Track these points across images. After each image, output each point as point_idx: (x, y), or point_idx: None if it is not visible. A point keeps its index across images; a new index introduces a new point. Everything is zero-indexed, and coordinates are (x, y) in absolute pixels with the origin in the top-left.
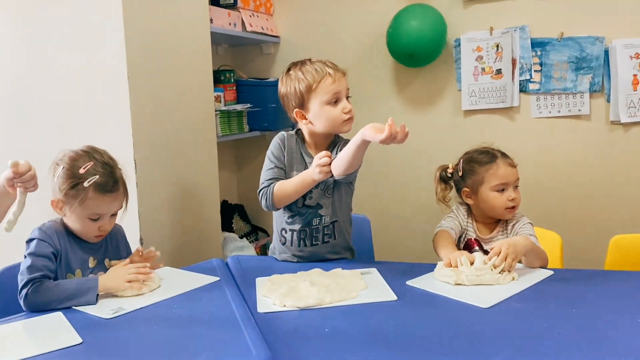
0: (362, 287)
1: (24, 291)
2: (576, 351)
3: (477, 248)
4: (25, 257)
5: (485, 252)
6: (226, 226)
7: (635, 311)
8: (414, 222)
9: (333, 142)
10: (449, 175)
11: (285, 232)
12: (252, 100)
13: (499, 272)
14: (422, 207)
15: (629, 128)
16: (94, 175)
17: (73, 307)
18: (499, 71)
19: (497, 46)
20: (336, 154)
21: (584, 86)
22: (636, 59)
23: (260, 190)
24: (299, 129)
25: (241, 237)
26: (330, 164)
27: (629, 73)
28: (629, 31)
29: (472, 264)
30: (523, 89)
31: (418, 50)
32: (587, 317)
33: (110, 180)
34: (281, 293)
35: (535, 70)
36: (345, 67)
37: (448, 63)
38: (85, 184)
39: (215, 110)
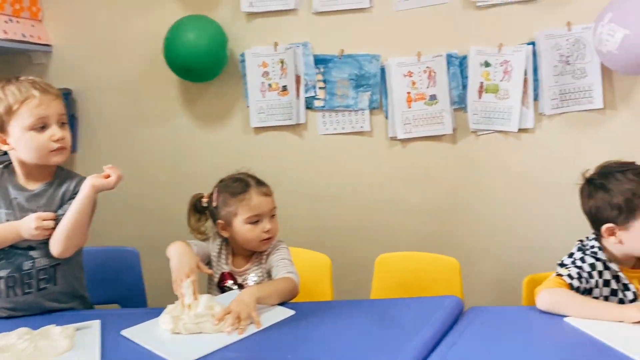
0: (66, 348)
1: None
2: None
3: (231, 282)
4: None
5: (240, 286)
6: None
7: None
8: None
9: (56, 175)
10: (204, 205)
11: None
12: None
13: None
14: None
15: (406, 144)
16: None
17: None
18: (284, 88)
19: (282, 62)
20: (59, 189)
21: (364, 103)
22: (409, 77)
23: None
24: (11, 162)
25: None
26: (54, 227)
27: (403, 90)
28: (401, 50)
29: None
30: (310, 106)
31: (195, 65)
32: None
33: None
34: None
35: (320, 87)
36: (127, 79)
37: (235, 78)
38: None
39: None
